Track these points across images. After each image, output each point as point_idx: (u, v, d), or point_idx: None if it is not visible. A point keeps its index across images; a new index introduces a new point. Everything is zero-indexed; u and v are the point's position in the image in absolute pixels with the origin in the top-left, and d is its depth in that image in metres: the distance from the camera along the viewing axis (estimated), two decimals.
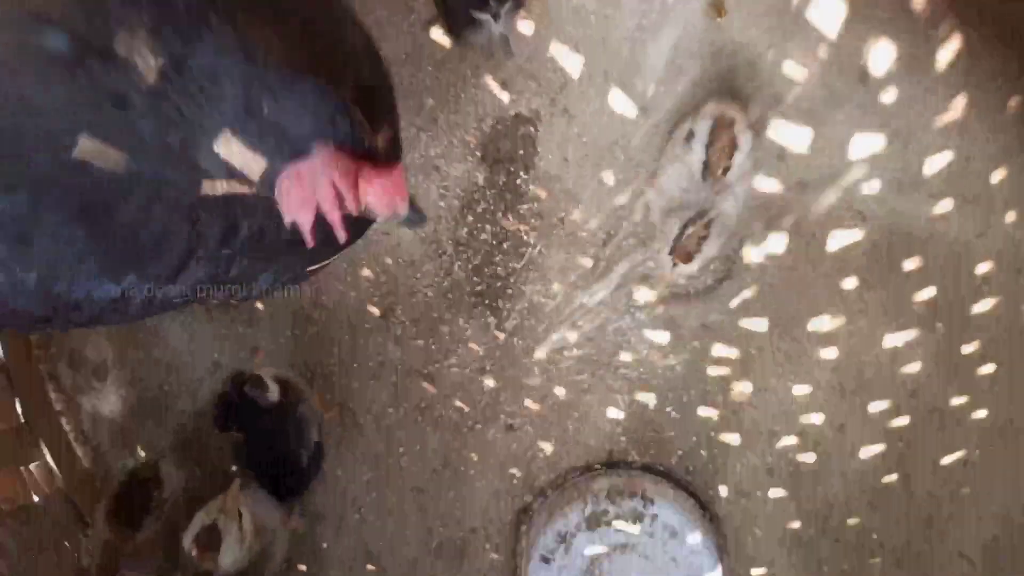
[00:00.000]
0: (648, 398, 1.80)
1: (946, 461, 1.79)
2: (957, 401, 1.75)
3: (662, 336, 1.76)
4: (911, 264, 1.68)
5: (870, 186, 1.63)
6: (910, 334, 1.72)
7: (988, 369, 1.73)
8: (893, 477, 1.81)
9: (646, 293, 1.74)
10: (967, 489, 1.80)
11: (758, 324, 1.74)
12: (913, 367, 1.74)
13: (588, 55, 1.62)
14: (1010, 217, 1.64)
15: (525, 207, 1.72)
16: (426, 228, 1.76)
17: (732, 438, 1.81)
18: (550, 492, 1.86)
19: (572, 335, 1.78)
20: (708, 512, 1.83)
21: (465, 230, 1.75)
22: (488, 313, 1.79)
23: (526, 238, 1.74)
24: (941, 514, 1.82)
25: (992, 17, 1.52)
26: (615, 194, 1.69)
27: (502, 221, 1.73)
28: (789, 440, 1.80)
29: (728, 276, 1.71)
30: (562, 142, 1.67)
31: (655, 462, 1.84)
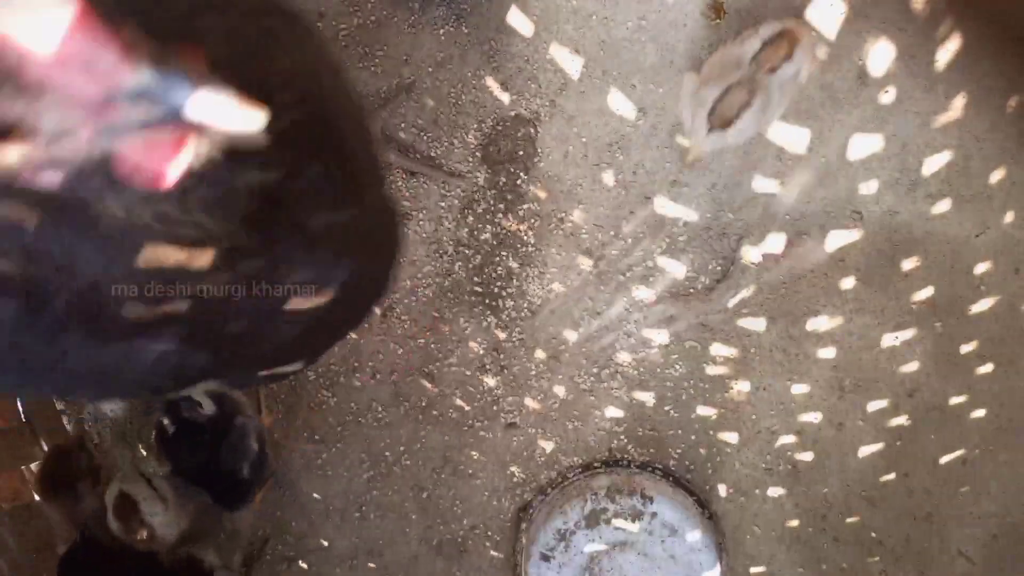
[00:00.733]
0: (647, 397, 1.81)
1: (945, 460, 1.80)
2: (956, 400, 1.76)
3: (661, 335, 1.77)
4: (909, 263, 1.69)
5: (868, 186, 1.64)
6: (908, 333, 1.73)
7: (987, 368, 1.73)
8: (892, 476, 1.81)
9: (646, 293, 1.75)
10: (966, 488, 1.81)
11: (757, 323, 1.74)
12: (912, 366, 1.74)
13: (588, 56, 1.62)
14: (1008, 216, 1.64)
15: (525, 207, 1.73)
16: (427, 228, 1.76)
17: (731, 437, 1.82)
18: (550, 490, 1.86)
19: (572, 334, 1.79)
20: (707, 510, 1.84)
21: (465, 230, 1.76)
22: (488, 312, 1.80)
23: (526, 238, 1.74)
24: (940, 512, 1.83)
25: (991, 17, 1.52)
26: (615, 194, 1.70)
27: (502, 221, 1.74)
28: (788, 439, 1.81)
29: (727, 275, 1.72)
30: (562, 143, 1.68)
31: (654, 460, 1.85)
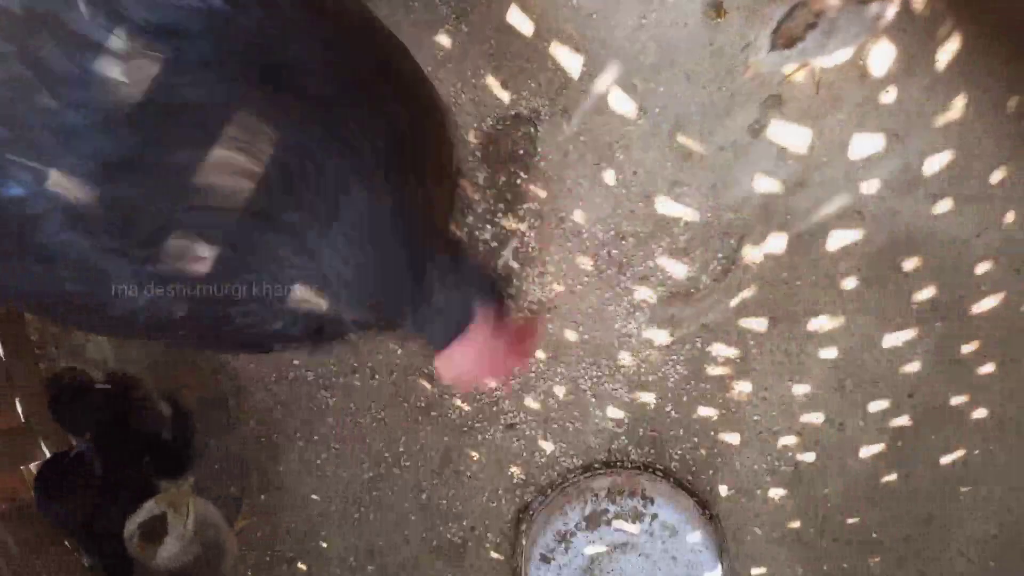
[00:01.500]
0: (648, 397, 1.81)
1: (945, 460, 1.80)
2: (956, 400, 1.76)
3: (662, 335, 1.77)
4: (910, 263, 1.68)
5: (870, 186, 1.64)
6: (909, 333, 1.72)
7: (988, 368, 1.73)
8: (893, 476, 1.81)
9: (647, 292, 1.74)
10: (966, 488, 1.81)
11: (758, 323, 1.74)
12: (913, 366, 1.74)
13: (588, 55, 1.62)
14: (1009, 216, 1.64)
15: (525, 207, 1.72)
16: None
17: (732, 437, 1.82)
18: (550, 491, 1.86)
19: (572, 334, 1.78)
20: (708, 511, 1.83)
21: (466, 230, 1.76)
22: None
23: (526, 238, 1.74)
24: (941, 513, 1.83)
25: (991, 18, 1.52)
26: (616, 193, 1.70)
27: (502, 221, 1.74)
28: (789, 439, 1.81)
29: (727, 275, 1.72)
30: (562, 142, 1.68)
31: (655, 461, 1.85)
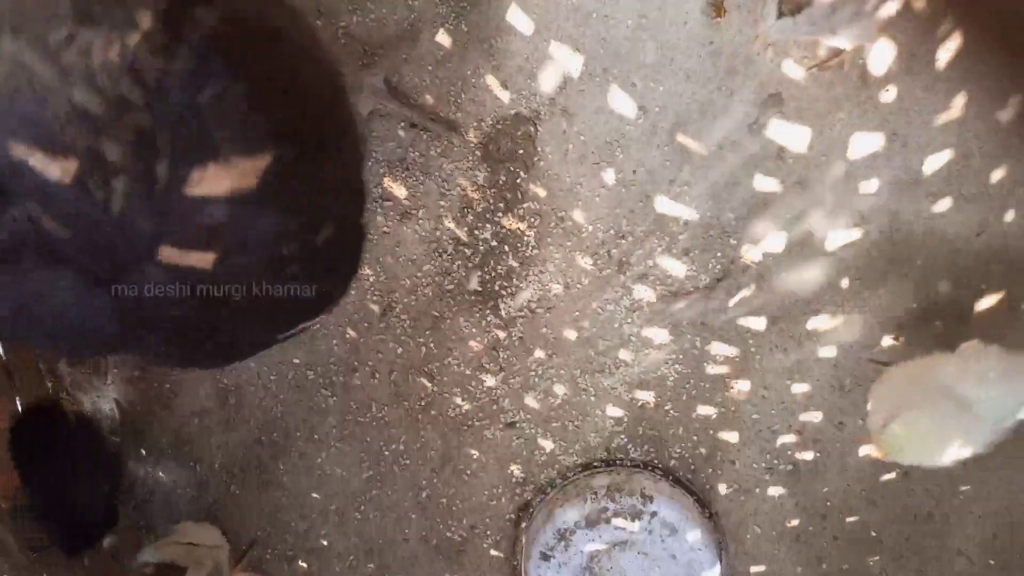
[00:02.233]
0: (647, 396, 1.81)
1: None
2: None
3: (661, 335, 1.77)
4: (910, 262, 1.68)
5: (869, 185, 1.64)
6: (909, 332, 1.72)
7: None
8: (892, 475, 1.81)
9: (646, 292, 1.74)
10: (966, 487, 1.81)
11: (757, 322, 1.74)
12: None
13: (588, 54, 1.62)
14: (1009, 216, 1.64)
15: (525, 206, 1.72)
16: (427, 227, 1.76)
17: (731, 436, 1.82)
18: (550, 490, 1.86)
19: (572, 333, 1.78)
20: (707, 509, 1.84)
21: (465, 229, 1.76)
22: (488, 312, 1.80)
23: (526, 237, 1.74)
24: (940, 512, 1.83)
25: (992, 16, 1.52)
26: (615, 192, 1.70)
27: (502, 220, 1.74)
28: (788, 438, 1.81)
29: (727, 275, 1.72)
30: (562, 141, 1.68)
31: (654, 460, 1.85)
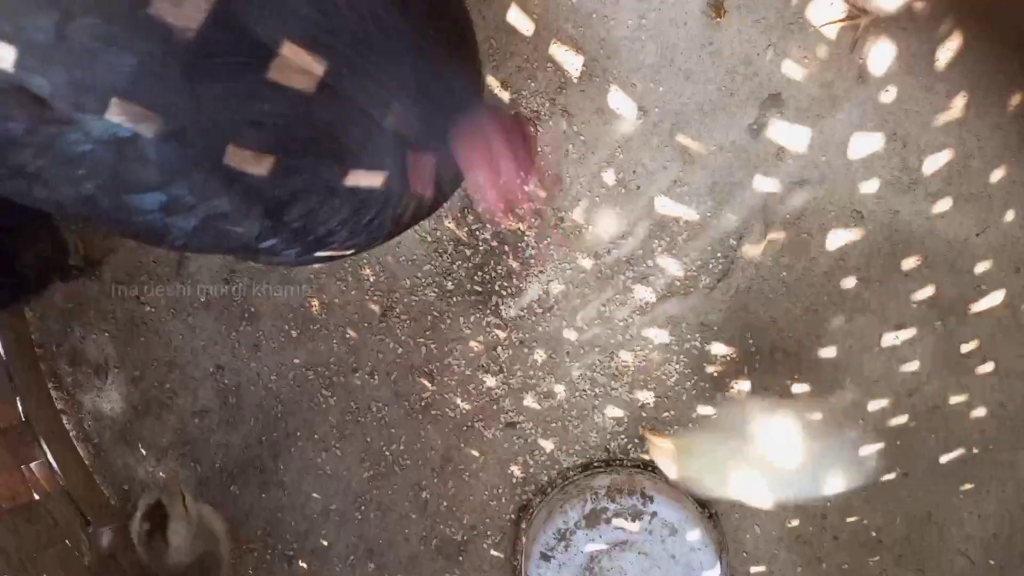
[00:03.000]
0: (647, 396, 1.81)
1: (945, 459, 1.80)
2: (956, 399, 1.76)
3: (661, 335, 1.77)
4: (910, 263, 1.68)
5: (869, 185, 1.64)
6: (909, 332, 1.72)
7: (987, 368, 1.73)
8: (892, 475, 1.81)
9: (646, 292, 1.75)
10: (966, 487, 1.81)
11: (756, 322, 1.74)
12: (912, 365, 1.74)
13: (588, 55, 1.62)
14: (1009, 215, 1.64)
15: (525, 206, 1.72)
16: (427, 227, 1.76)
17: None
18: (550, 490, 1.86)
19: (572, 333, 1.78)
20: (707, 510, 1.84)
21: (465, 230, 1.76)
22: (488, 312, 1.80)
23: (526, 238, 1.74)
24: (940, 512, 1.83)
25: (992, 16, 1.52)
26: (615, 193, 1.70)
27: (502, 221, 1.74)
28: None
29: (727, 275, 1.72)
30: (562, 142, 1.68)
31: (654, 460, 1.85)
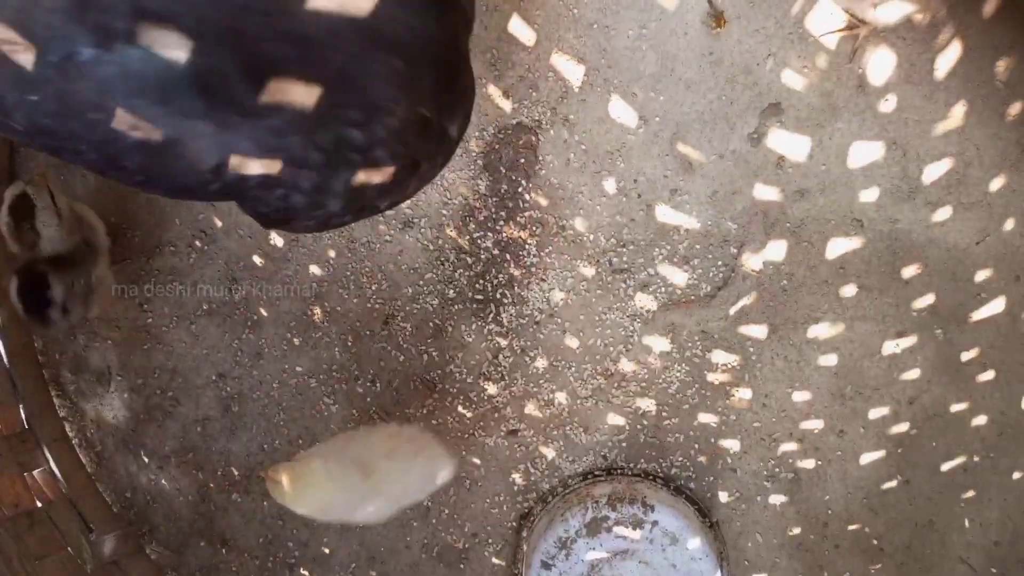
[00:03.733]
0: (648, 404, 1.81)
1: (946, 467, 1.80)
2: (957, 407, 1.76)
3: (662, 343, 1.77)
4: (910, 271, 1.69)
5: (869, 193, 1.64)
6: (909, 340, 1.73)
7: (988, 375, 1.73)
8: (893, 483, 1.81)
9: (647, 300, 1.75)
10: (967, 495, 1.81)
11: (757, 330, 1.75)
12: (913, 373, 1.75)
13: (589, 65, 1.63)
14: (1009, 224, 1.64)
15: (526, 215, 1.73)
16: (429, 236, 1.77)
17: (732, 444, 1.82)
18: (551, 498, 1.87)
19: (573, 341, 1.79)
20: (708, 518, 1.84)
21: (467, 238, 1.76)
22: (490, 320, 1.80)
23: (527, 246, 1.75)
24: (941, 520, 1.83)
25: (991, 25, 1.53)
26: (616, 201, 1.70)
27: (504, 229, 1.74)
28: (789, 446, 1.81)
29: (727, 283, 1.72)
30: (563, 151, 1.68)
31: (655, 468, 1.85)
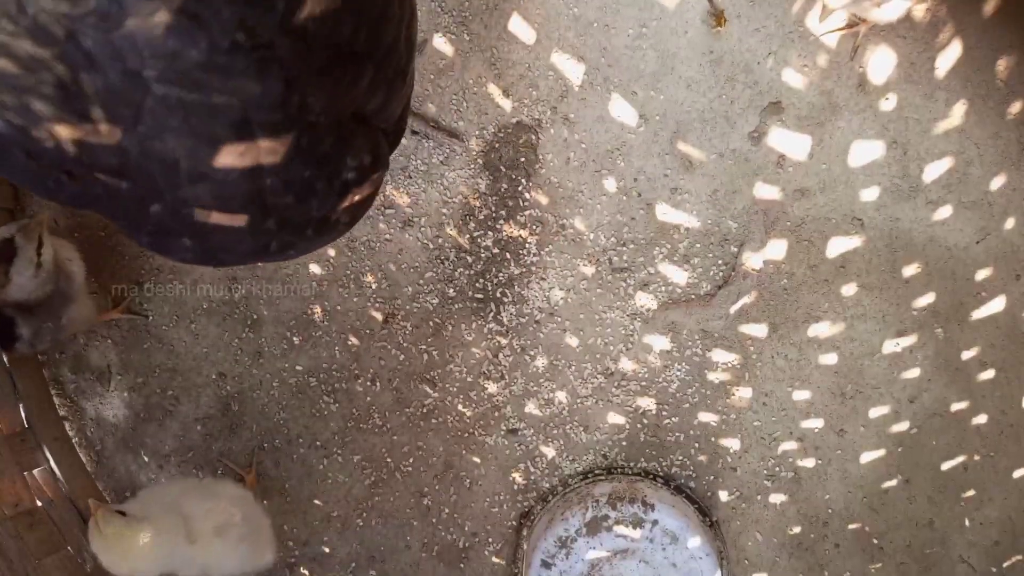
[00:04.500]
0: (648, 403, 1.81)
1: (947, 466, 1.80)
2: (957, 406, 1.76)
3: (662, 342, 1.77)
4: (910, 270, 1.69)
5: (869, 192, 1.64)
6: (910, 339, 1.73)
7: (988, 374, 1.74)
8: (893, 482, 1.81)
9: (647, 299, 1.75)
10: (968, 494, 1.81)
11: (758, 329, 1.75)
12: (913, 372, 1.75)
13: (589, 63, 1.63)
14: (1009, 223, 1.64)
15: (526, 214, 1.73)
16: (429, 234, 1.77)
17: (732, 443, 1.82)
18: (551, 497, 1.86)
19: (573, 340, 1.79)
20: (708, 517, 1.84)
21: (467, 237, 1.76)
22: (490, 319, 1.80)
23: (527, 244, 1.75)
24: (942, 519, 1.83)
25: (991, 24, 1.53)
26: (617, 200, 1.70)
27: (504, 227, 1.74)
28: (789, 445, 1.81)
29: (728, 282, 1.72)
30: (563, 149, 1.68)
31: (656, 467, 1.85)
